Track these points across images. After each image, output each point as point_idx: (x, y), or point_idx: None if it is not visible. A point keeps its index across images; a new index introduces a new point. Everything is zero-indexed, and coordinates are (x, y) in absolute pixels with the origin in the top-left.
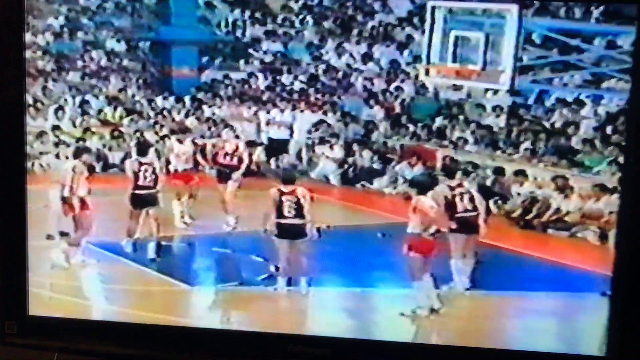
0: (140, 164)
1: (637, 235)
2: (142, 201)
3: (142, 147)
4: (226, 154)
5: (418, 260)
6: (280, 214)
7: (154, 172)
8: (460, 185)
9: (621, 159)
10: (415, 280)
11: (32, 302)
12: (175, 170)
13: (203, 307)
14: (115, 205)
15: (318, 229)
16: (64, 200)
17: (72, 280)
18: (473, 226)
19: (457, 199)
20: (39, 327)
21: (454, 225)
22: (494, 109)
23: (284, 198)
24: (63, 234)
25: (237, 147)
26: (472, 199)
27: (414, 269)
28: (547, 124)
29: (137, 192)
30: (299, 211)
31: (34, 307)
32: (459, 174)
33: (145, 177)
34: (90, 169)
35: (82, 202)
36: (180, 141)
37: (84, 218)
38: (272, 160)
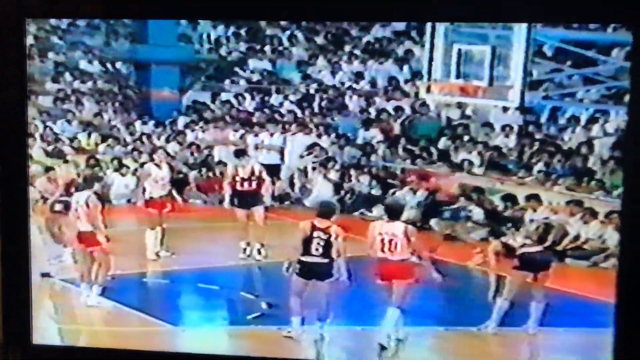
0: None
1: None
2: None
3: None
4: (243, 179)
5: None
6: (306, 251)
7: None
8: None
9: None
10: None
11: (36, 332)
12: (151, 198)
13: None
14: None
15: (349, 275)
16: (79, 236)
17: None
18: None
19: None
20: (42, 355)
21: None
22: (502, 128)
23: (315, 234)
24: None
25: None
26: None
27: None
28: (561, 144)
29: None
30: (327, 250)
31: (38, 336)
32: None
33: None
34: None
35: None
36: (158, 166)
37: (101, 254)
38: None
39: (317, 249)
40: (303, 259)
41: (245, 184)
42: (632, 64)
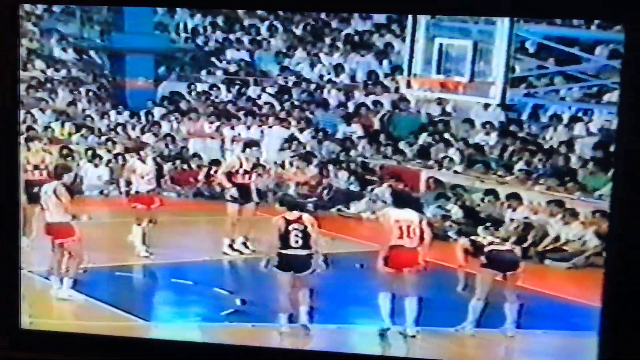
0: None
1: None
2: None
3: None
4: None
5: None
6: (285, 245)
7: (46, 167)
8: None
9: None
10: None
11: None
12: (137, 192)
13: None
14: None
15: (325, 260)
16: (48, 227)
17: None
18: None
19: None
20: (30, 340)
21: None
22: (483, 125)
23: (290, 227)
24: None
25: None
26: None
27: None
28: (543, 142)
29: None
30: (306, 241)
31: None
32: None
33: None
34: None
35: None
36: (142, 161)
37: (73, 246)
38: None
39: (296, 241)
40: (283, 252)
41: (246, 177)
42: (623, 63)
